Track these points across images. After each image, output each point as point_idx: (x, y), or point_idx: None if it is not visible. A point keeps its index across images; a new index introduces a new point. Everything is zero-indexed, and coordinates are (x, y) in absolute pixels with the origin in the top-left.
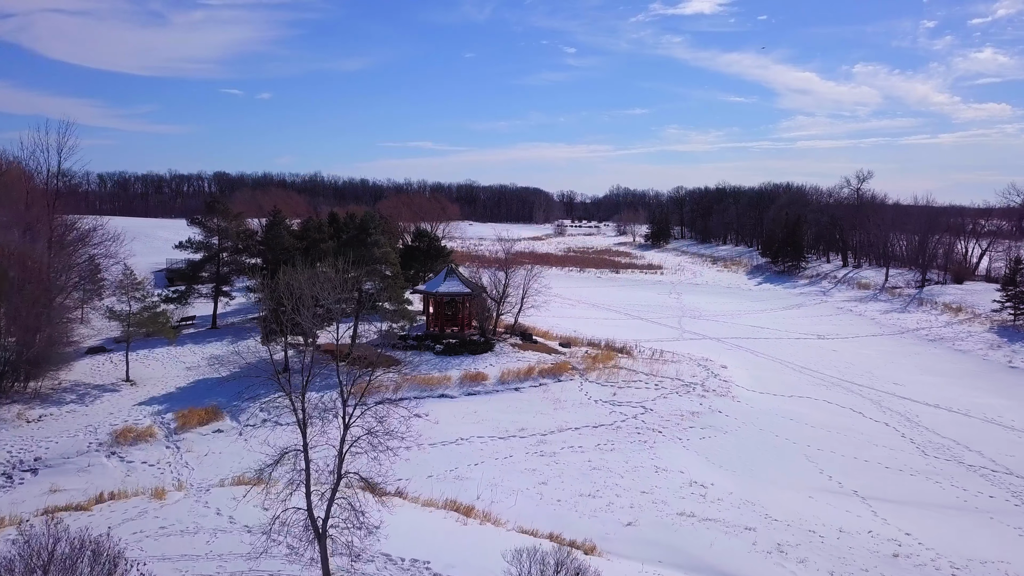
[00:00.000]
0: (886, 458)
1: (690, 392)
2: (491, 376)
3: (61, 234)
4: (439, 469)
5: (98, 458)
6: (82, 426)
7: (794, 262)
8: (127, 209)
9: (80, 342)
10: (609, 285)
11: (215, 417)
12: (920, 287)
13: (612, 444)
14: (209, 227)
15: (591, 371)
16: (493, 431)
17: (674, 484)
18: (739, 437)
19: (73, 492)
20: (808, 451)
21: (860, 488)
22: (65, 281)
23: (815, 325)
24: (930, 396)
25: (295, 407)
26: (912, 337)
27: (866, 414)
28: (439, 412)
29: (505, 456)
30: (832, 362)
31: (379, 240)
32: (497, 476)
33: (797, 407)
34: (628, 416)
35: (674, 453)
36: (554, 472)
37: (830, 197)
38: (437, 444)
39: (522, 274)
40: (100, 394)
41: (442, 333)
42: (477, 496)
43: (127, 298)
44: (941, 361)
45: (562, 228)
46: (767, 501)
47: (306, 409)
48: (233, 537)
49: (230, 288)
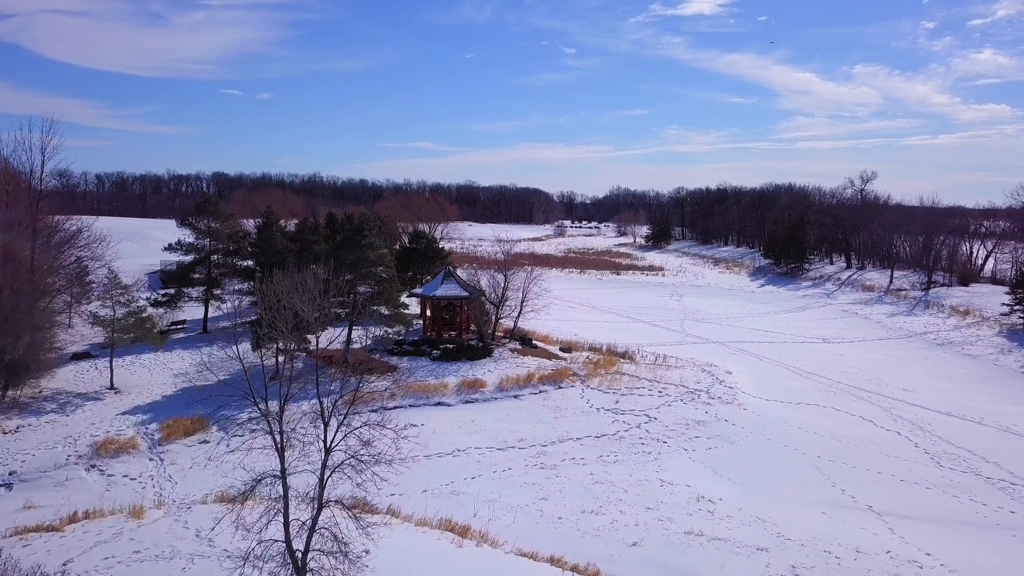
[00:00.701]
0: (900, 470)
1: (695, 399)
2: (490, 383)
3: (47, 236)
4: (435, 483)
5: (77, 472)
6: (61, 437)
7: (797, 264)
8: (125, 209)
9: (63, 348)
10: (610, 287)
11: (201, 427)
12: (926, 289)
13: (615, 455)
14: (200, 229)
15: (593, 377)
16: (491, 441)
17: (681, 499)
18: (746, 447)
19: (48, 509)
20: (819, 462)
21: (875, 503)
22: (50, 284)
23: (820, 328)
24: (941, 403)
25: (271, 429)
26: (920, 341)
27: (877, 422)
28: (436, 421)
29: (504, 469)
30: (839, 367)
31: (374, 242)
32: (495, 491)
33: (805, 415)
34: (631, 425)
35: (680, 465)
36: (555, 486)
37: (833, 198)
38: (433, 456)
39: (522, 276)
40: (82, 403)
41: (439, 338)
42: (474, 513)
43: (111, 303)
44: (951, 366)
45: (562, 229)
46: (779, 518)
47: (284, 432)
48: (211, 564)
49: (222, 291)
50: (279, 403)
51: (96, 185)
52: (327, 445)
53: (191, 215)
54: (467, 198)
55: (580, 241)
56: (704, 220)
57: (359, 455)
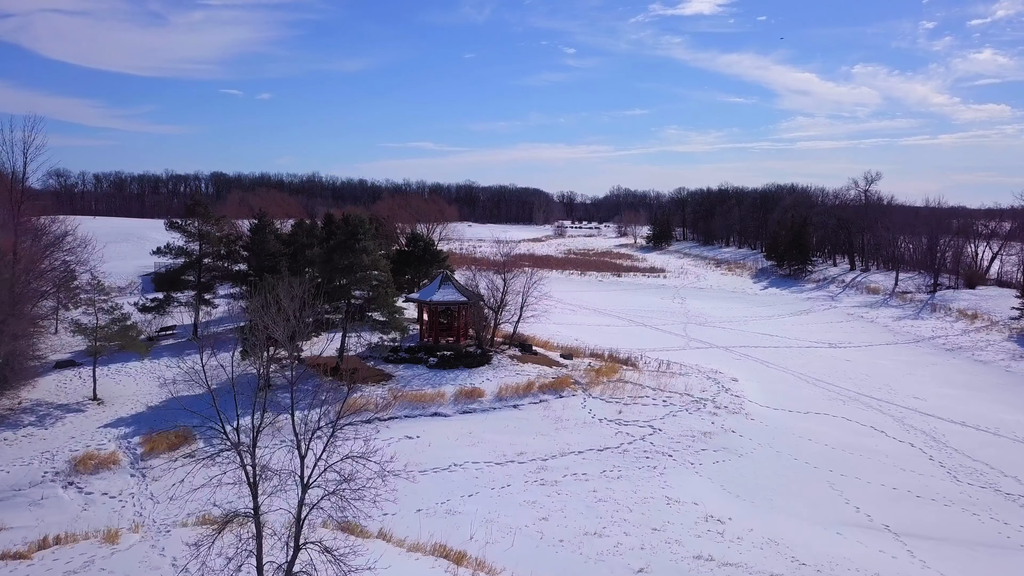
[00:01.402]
0: (915, 485)
1: (700, 409)
2: (488, 392)
3: (32, 238)
4: (429, 501)
5: (53, 489)
6: (39, 452)
7: (800, 266)
8: (123, 210)
9: (45, 356)
10: (611, 289)
11: (186, 441)
12: (932, 292)
13: (619, 470)
14: (189, 231)
15: (594, 385)
16: (490, 455)
17: (688, 519)
18: (755, 461)
19: (19, 532)
20: (831, 477)
21: (892, 522)
22: (35, 289)
23: (826, 333)
24: (954, 412)
25: (243, 462)
26: (928, 346)
27: (889, 433)
28: (432, 433)
29: (502, 485)
30: (847, 373)
31: (368, 246)
32: (493, 510)
33: (815, 425)
34: (635, 437)
35: (686, 481)
36: (556, 505)
37: (836, 199)
38: (428, 471)
39: (522, 280)
40: (63, 415)
41: (436, 344)
42: (470, 536)
43: (94, 310)
44: (961, 373)
45: (562, 229)
46: (792, 539)
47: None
48: None
49: (212, 296)
50: (252, 432)
51: (94, 185)
52: (304, 481)
53: (180, 217)
54: (467, 198)
55: (580, 242)
56: (705, 221)
57: (341, 491)
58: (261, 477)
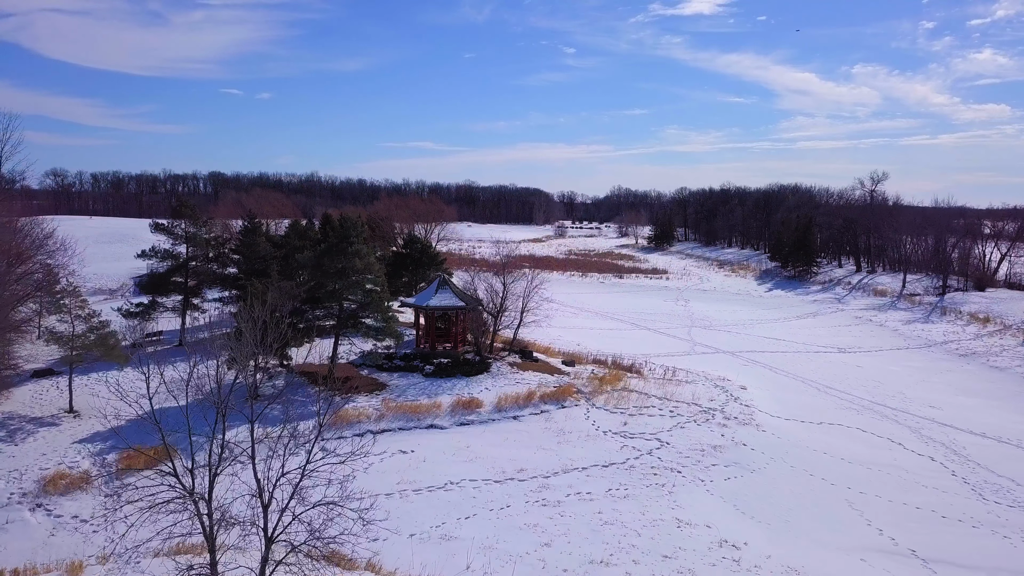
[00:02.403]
0: (940, 504)
1: (709, 420)
2: (487, 402)
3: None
4: (424, 524)
5: (20, 512)
6: (6, 471)
7: (805, 267)
8: (120, 210)
9: (20, 365)
10: (613, 291)
11: (165, 457)
12: (941, 294)
13: (625, 489)
14: (176, 233)
15: (598, 395)
16: (488, 472)
17: (701, 544)
18: (769, 477)
19: None
20: (849, 495)
21: (918, 546)
22: (14, 292)
23: (834, 337)
24: (973, 422)
25: (198, 511)
26: (940, 351)
27: (906, 445)
28: (427, 447)
29: (501, 506)
30: (859, 380)
31: (361, 250)
32: (492, 535)
33: (829, 437)
34: (642, 452)
35: (697, 500)
36: (559, 529)
37: (840, 199)
38: (423, 490)
39: (522, 284)
40: (35, 429)
41: (433, 351)
42: (467, 566)
43: (70, 317)
44: (977, 380)
45: (563, 230)
46: (813, 567)
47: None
48: None
49: (201, 300)
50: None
51: (92, 185)
52: (268, 535)
53: (167, 218)
54: (466, 198)
55: (581, 242)
56: (707, 221)
57: (311, 544)
58: (219, 528)
